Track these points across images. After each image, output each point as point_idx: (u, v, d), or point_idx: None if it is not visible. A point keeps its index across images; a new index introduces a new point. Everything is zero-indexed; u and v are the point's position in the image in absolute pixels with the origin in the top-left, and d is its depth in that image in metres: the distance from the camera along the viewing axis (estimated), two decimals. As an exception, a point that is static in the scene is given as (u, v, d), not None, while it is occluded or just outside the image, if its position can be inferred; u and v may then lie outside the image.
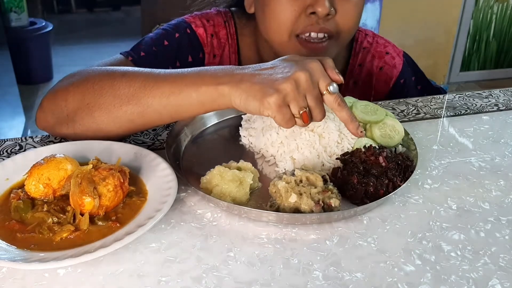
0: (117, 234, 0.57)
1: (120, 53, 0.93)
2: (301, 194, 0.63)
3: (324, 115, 0.67)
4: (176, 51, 0.97)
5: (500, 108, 1.00)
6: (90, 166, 0.61)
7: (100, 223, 0.59)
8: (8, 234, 0.58)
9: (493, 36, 3.44)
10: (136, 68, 0.74)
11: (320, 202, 0.63)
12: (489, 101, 1.03)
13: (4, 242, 0.56)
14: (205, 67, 0.70)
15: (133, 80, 0.70)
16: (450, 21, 3.17)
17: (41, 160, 0.64)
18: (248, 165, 0.70)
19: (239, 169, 0.69)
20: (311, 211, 0.62)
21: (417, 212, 0.67)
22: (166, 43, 0.96)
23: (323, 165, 0.74)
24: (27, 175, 0.63)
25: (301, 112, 0.64)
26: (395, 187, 0.67)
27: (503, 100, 1.03)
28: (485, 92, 1.07)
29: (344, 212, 0.63)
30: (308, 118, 0.65)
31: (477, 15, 3.31)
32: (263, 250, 0.59)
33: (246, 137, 0.82)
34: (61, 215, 0.60)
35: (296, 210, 0.63)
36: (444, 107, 0.99)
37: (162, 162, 0.69)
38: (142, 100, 0.69)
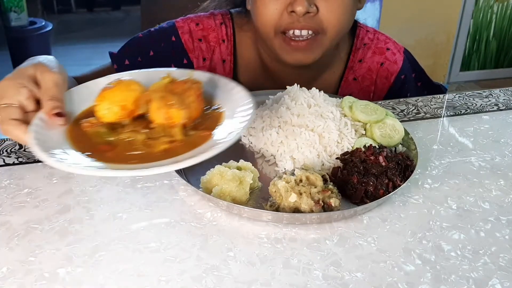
0: (210, 143, 0.56)
1: (109, 52, 0.97)
2: (301, 194, 0.63)
3: None
4: (160, 61, 1.00)
5: (500, 108, 1.00)
6: (167, 80, 0.59)
7: (191, 132, 0.58)
8: (100, 155, 0.55)
9: (493, 36, 3.44)
10: None
11: (320, 201, 0.63)
12: (489, 100, 1.03)
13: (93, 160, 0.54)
14: None
15: None
16: (450, 21, 3.17)
17: (109, 84, 0.61)
18: (248, 164, 0.70)
19: (239, 168, 0.69)
20: (311, 211, 0.62)
21: (417, 212, 0.67)
22: (151, 53, 0.99)
23: (323, 164, 0.74)
24: (95, 103, 0.60)
25: None
26: (395, 186, 0.67)
27: (503, 99, 1.03)
28: (485, 91, 1.07)
29: (344, 211, 0.63)
30: None
31: (477, 15, 3.31)
32: (263, 250, 0.59)
33: (246, 136, 0.82)
34: (150, 131, 0.58)
35: (296, 210, 0.63)
36: (444, 106, 0.99)
37: (236, 86, 0.66)
38: None
